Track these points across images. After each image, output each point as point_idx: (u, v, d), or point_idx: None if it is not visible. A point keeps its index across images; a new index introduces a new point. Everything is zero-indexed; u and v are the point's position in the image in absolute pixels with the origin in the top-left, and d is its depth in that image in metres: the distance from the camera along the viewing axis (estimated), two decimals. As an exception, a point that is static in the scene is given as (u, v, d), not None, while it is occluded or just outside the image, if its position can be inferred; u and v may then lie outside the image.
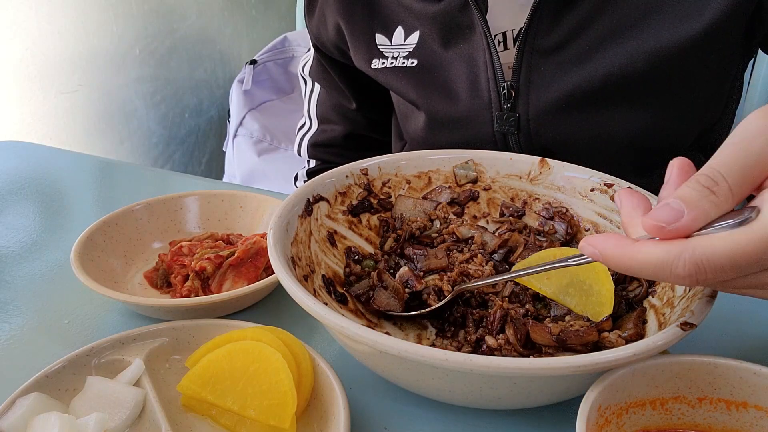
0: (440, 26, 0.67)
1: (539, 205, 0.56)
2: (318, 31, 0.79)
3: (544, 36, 0.63)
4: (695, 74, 0.63)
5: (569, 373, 0.34)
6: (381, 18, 0.71)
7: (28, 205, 0.73)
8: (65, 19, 1.33)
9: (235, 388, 0.40)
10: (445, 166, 0.58)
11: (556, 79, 0.63)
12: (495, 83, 0.65)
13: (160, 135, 1.64)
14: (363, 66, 0.74)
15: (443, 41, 0.68)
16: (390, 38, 0.71)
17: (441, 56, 0.68)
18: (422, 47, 0.69)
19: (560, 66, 0.63)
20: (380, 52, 0.72)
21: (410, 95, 0.70)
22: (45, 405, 0.40)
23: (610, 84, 0.61)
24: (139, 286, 0.56)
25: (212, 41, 1.74)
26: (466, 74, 0.67)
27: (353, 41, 0.73)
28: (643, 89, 0.63)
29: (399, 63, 0.70)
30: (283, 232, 0.47)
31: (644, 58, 0.60)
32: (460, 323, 0.48)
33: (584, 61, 0.62)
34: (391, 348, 0.35)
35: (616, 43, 0.61)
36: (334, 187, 0.55)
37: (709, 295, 0.38)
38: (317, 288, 0.49)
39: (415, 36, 0.69)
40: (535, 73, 0.64)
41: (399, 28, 0.70)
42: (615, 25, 0.61)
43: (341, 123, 0.85)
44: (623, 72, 0.61)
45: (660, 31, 0.59)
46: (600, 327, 0.43)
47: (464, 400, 0.40)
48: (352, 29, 0.73)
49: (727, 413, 0.36)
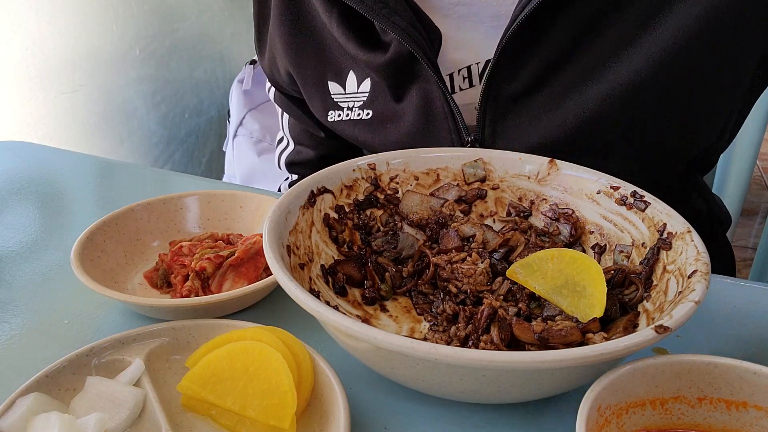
0: (389, 77, 0.62)
1: (546, 206, 0.56)
2: (271, 72, 0.76)
3: (510, 81, 0.57)
4: (675, 108, 0.57)
5: (523, 367, 0.34)
6: (332, 65, 0.67)
7: (28, 205, 0.73)
8: (65, 19, 1.33)
9: (235, 388, 0.40)
10: (454, 163, 0.58)
11: (523, 130, 0.58)
12: (458, 136, 0.61)
13: (160, 135, 1.63)
14: (320, 116, 0.70)
15: (394, 92, 0.63)
16: (343, 85, 0.67)
17: (394, 107, 0.64)
18: (375, 97, 0.65)
19: (527, 115, 0.58)
20: (335, 103, 0.68)
21: (368, 145, 0.67)
22: (45, 405, 0.40)
23: (582, 132, 0.57)
24: (139, 286, 0.56)
25: (212, 41, 1.73)
26: (423, 124, 0.62)
27: (307, 91, 0.70)
28: (618, 133, 0.58)
29: (354, 115, 0.66)
30: (281, 220, 0.47)
31: (619, 99, 0.55)
32: (452, 319, 0.48)
33: (555, 107, 0.57)
34: (359, 332, 0.36)
35: (588, 86, 0.56)
36: (340, 180, 0.55)
37: (694, 301, 0.38)
38: (314, 277, 0.49)
39: (367, 83, 0.65)
40: (500, 123, 0.59)
41: (351, 74, 0.66)
42: (585, 67, 0.56)
43: (314, 147, 0.83)
44: (597, 117, 0.56)
45: (635, 67, 0.54)
46: (586, 328, 0.43)
47: (437, 391, 0.40)
48: (304, 79, 0.69)
49: (727, 413, 0.36)
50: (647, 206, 0.49)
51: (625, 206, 0.51)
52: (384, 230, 0.56)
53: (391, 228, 0.56)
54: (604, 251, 0.51)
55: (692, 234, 0.44)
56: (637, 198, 0.50)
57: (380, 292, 0.52)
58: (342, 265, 0.52)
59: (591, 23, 0.55)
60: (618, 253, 0.50)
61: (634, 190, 0.50)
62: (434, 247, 0.55)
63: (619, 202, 0.51)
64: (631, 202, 0.50)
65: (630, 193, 0.51)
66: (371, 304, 0.51)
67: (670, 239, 0.46)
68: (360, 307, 0.51)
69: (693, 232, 0.44)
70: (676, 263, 0.44)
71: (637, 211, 0.50)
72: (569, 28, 0.55)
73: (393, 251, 0.55)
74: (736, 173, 1.54)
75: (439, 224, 0.56)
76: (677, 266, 0.43)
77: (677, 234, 0.45)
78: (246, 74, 1.60)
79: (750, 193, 2.29)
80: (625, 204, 0.51)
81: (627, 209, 0.51)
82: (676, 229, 0.46)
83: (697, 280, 0.40)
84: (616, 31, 0.55)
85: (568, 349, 0.34)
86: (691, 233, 0.44)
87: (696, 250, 0.43)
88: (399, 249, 0.55)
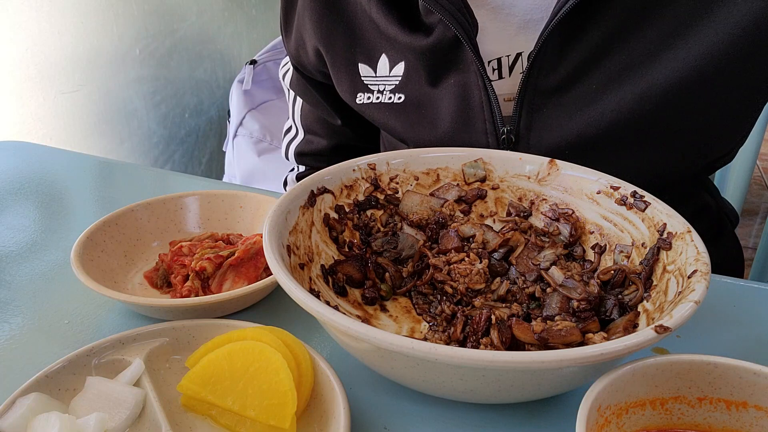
0: (428, 61, 0.62)
1: (546, 206, 0.56)
2: (297, 53, 0.74)
3: (548, 74, 0.58)
4: (709, 111, 0.58)
5: (523, 368, 0.34)
6: (363, 46, 0.66)
7: (28, 205, 0.73)
8: (65, 19, 1.33)
9: (235, 388, 0.40)
10: (454, 163, 0.58)
11: (559, 123, 0.59)
12: (493, 126, 0.61)
13: (160, 135, 1.63)
14: (347, 98, 0.69)
15: (431, 77, 0.63)
16: (374, 68, 0.66)
17: (429, 93, 0.63)
18: (409, 81, 0.64)
19: (563, 108, 0.58)
20: (365, 86, 0.67)
21: (397, 131, 0.66)
22: (45, 405, 0.40)
23: (618, 128, 0.57)
24: (139, 286, 0.56)
25: (212, 41, 1.73)
26: (458, 112, 0.62)
27: (335, 71, 0.69)
28: (652, 130, 0.58)
29: (385, 98, 0.65)
30: (281, 220, 0.47)
31: (656, 99, 0.56)
32: (451, 320, 0.48)
33: (590, 103, 0.57)
34: (359, 332, 0.36)
35: (626, 83, 0.56)
36: (340, 180, 0.55)
37: (694, 301, 0.38)
38: (314, 277, 0.49)
39: (401, 67, 0.64)
40: (536, 115, 0.59)
41: (383, 57, 0.65)
42: (624, 63, 0.56)
43: (327, 136, 0.82)
44: (633, 115, 0.56)
45: (672, 68, 0.55)
46: (586, 328, 0.43)
47: (437, 391, 0.40)
48: (334, 59, 0.68)
49: (727, 413, 0.36)
50: (647, 206, 0.49)
51: (625, 206, 0.51)
52: (384, 231, 0.56)
53: (391, 228, 0.56)
54: (604, 251, 0.51)
55: (692, 234, 0.44)
56: (637, 198, 0.50)
57: (380, 292, 0.52)
58: (342, 266, 0.52)
59: (631, 21, 0.56)
60: (618, 253, 0.50)
61: (634, 190, 0.50)
62: (434, 247, 0.55)
63: (619, 202, 0.51)
64: (631, 202, 0.50)
65: (630, 193, 0.51)
66: (371, 304, 0.51)
67: (670, 239, 0.46)
68: (360, 307, 0.51)
69: (693, 232, 0.44)
70: (676, 263, 0.44)
71: (637, 211, 0.50)
72: (609, 25, 0.56)
73: (393, 252, 0.55)
74: (736, 173, 1.54)
75: (439, 224, 0.56)
76: (677, 266, 0.43)
77: (677, 234, 0.45)
78: (246, 74, 1.60)
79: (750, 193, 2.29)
80: (625, 204, 0.51)
81: (627, 209, 0.51)
82: (676, 229, 0.46)
83: (697, 280, 0.40)
84: (657, 30, 0.56)
85: (568, 349, 0.34)
86: (691, 233, 0.44)
87: (696, 250, 0.43)
88: (399, 249, 0.55)
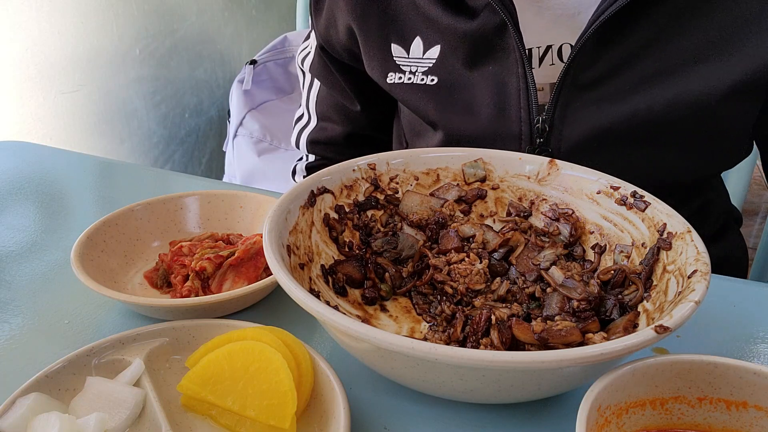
0: (469, 45, 0.62)
1: (546, 206, 0.56)
2: (326, 32, 0.74)
3: (586, 69, 0.59)
4: (735, 120, 0.60)
5: (523, 367, 0.34)
6: (397, 26, 0.66)
7: (28, 205, 0.73)
8: (65, 19, 1.33)
9: (235, 388, 0.40)
10: (454, 163, 0.58)
11: (590, 116, 0.60)
12: (528, 115, 0.61)
13: (160, 135, 1.63)
14: (377, 78, 0.69)
15: (469, 60, 0.63)
16: (407, 50, 0.66)
17: (464, 75, 0.63)
18: (443, 64, 0.64)
19: (596, 102, 0.60)
20: (397, 66, 0.67)
21: (428, 115, 0.66)
22: (45, 405, 0.40)
23: (647, 127, 0.59)
24: (139, 286, 0.56)
25: (212, 41, 1.73)
26: (493, 98, 0.62)
27: (367, 49, 0.69)
28: (678, 133, 0.60)
29: (417, 80, 0.65)
30: (281, 220, 0.47)
31: (687, 105, 0.57)
32: (451, 320, 0.48)
33: (622, 100, 0.59)
34: (359, 332, 0.36)
35: (658, 87, 0.58)
36: (340, 180, 0.55)
37: (694, 301, 0.38)
38: (314, 277, 0.49)
39: (436, 50, 0.64)
40: (571, 107, 0.60)
41: (417, 40, 0.65)
42: (658, 67, 0.58)
43: (342, 123, 0.81)
44: (665, 118, 0.58)
45: (706, 80, 0.57)
46: (586, 328, 0.43)
47: (437, 391, 0.40)
48: (366, 36, 0.68)
49: (727, 413, 0.36)
50: (647, 206, 0.49)
51: (625, 206, 0.51)
52: (384, 231, 0.56)
53: (391, 228, 0.56)
54: (604, 251, 0.51)
55: (692, 234, 0.44)
56: (637, 198, 0.50)
57: (380, 292, 0.52)
58: (342, 266, 0.52)
59: (670, 29, 0.57)
60: (618, 253, 0.50)
61: (634, 190, 0.50)
62: (434, 247, 0.55)
63: (619, 202, 0.51)
64: (631, 202, 0.50)
65: (630, 193, 0.51)
66: (371, 304, 0.51)
67: (670, 239, 0.46)
68: (360, 307, 0.51)
69: (693, 232, 0.44)
70: (676, 263, 0.44)
71: (637, 211, 0.50)
72: (648, 30, 0.57)
73: (393, 252, 0.55)
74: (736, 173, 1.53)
75: (439, 224, 0.56)
76: (677, 266, 0.43)
77: (677, 234, 0.45)
78: (246, 74, 1.60)
79: (750, 193, 2.29)
80: (625, 204, 0.51)
81: (627, 209, 0.51)
82: (676, 229, 0.46)
83: (697, 280, 0.40)
84: (694, 41, 0.57)
85: (568, 349, 0.34)
86: (691, 233, 0.44)
87: (696, 250, 0.43)
88: (399, 249, 0.55)
